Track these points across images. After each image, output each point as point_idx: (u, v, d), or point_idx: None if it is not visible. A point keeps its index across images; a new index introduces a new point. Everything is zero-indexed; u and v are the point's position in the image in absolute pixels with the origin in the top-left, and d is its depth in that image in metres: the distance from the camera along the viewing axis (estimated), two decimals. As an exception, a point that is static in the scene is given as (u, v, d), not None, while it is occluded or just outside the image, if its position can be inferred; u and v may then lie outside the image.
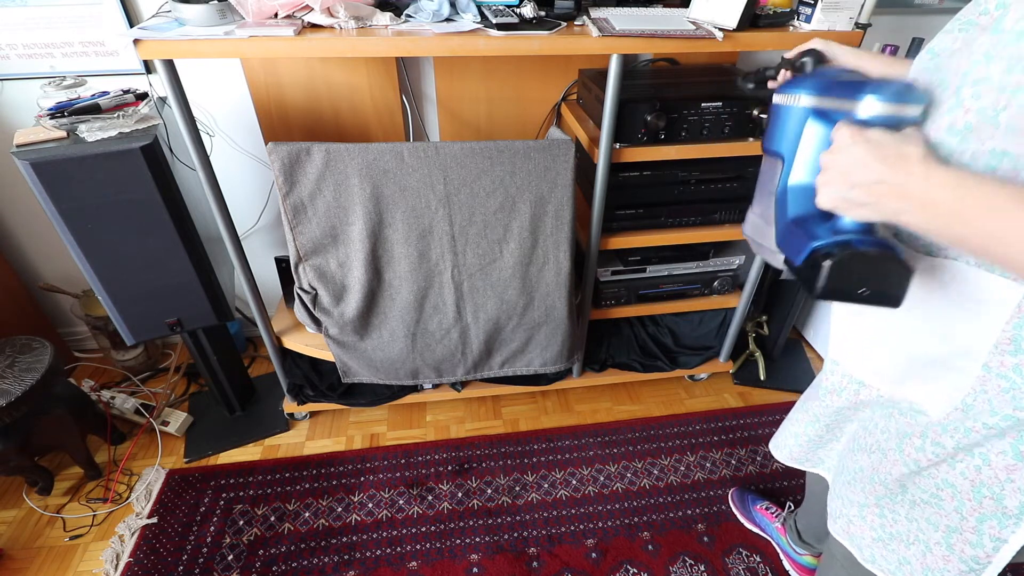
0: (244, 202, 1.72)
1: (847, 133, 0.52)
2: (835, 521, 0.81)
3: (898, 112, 0.53)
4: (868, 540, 0.76)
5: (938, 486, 0.64)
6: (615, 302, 1.64)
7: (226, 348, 1.64)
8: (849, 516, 0.78)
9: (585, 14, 1.23)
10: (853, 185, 0.52)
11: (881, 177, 0.50)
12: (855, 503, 0.76)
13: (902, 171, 0.49)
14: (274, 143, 1.17)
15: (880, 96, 0.53)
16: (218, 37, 1.03)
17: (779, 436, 0.99)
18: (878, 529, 0.74)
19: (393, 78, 1.53)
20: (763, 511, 1.44)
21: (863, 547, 0.77)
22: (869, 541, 0.76)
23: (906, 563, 0.71)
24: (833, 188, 0.53)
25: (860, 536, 0.77)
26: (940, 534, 0.66)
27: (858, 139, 0.51)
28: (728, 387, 1.91)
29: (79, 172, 1.10)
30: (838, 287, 0.54)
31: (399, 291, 1.39)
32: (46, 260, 1.79)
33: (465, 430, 1.75)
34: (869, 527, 0.75)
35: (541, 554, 1.40)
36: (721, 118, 1.30)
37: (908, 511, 0.68)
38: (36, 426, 1.42)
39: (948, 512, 0.64)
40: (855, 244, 0.54)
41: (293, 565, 1.37)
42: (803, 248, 0.57)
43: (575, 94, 1.59)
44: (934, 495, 0.65)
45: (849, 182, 0.52)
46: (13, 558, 1.39)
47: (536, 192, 1.29)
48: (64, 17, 1.37)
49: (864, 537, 0.76)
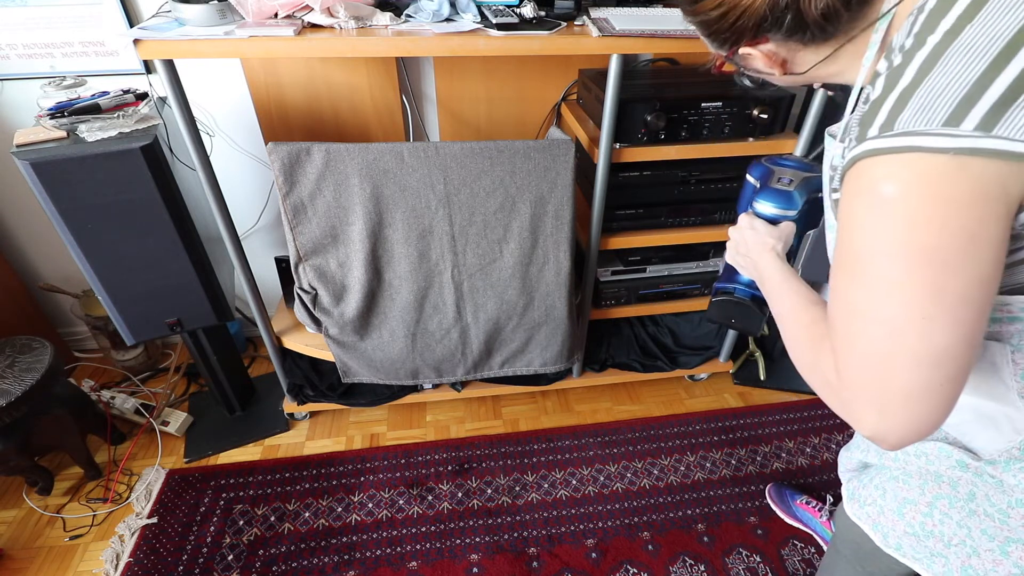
0: (244, 202, 1.72)
1: (745, 220, 0.77)
2: (861, 506, 0.80)
3: (776, 213, 0.75)
4: (899, 532, 0.75)
5: (1010, 504, 0.62)
6: (615, 302, 1.64)
7: (226, 348, 1.64)
8: (882, 506, 0.77)
9: (585, 14, 1.23)
10: (739, 253, 0.78)
11: (749, 252, 0.75)
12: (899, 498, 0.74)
13: (758, 253, 0.72)
14: (274, 143, 1.17)
15: (769, 201, 0.76)
16: (218, 37, 1.03)
17: None
18: (916, 526, 0.72)
19: (393, 78, 1.53)
20: (805, 506, 1.44)
21: (889, 536, 0.76)
22: (900, 533, 0.75)
23: (940, 556, 0.70)
24: (729, 253, 0.81)
25: (890, 527, 0.76)
26: (996, 543, 0.65)
27: (748, 225, 0.76)
28: (728, 387, 1.91)
29: (79, 172, 1.10)
30: (717, 317, 0.85)
31: (399, 291, 1.39)
32: (46, 260, 1.79)
33: (465, 430, 1.75)
34: (905, 523, 0.73)
35: (541, 554, 1.40)
36: (721, 118, 1.30)
37: (964, 518, 0.67)
38: (36, 426, 1.42)
39: (1014, 527, 0.63)
40: (736, 292, 0.83)
41: (293, 565, 1.37)
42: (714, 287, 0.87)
43: (575, 94, 1.59)
44: (1002, 511, 0.63)
45: (736, 251, 0.78)
46: (13, 558, 1.39)
47: (536, 192, 1.29)
48: (64, 17, 1.37)
49: (894, 529, 0.75)
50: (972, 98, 0.40)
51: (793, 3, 0.48)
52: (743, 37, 0.54)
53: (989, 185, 0.41)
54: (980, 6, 0.41)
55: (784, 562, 1.39)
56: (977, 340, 0.44)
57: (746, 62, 0.59)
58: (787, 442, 1.70)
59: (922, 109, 0.42)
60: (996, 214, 0.41)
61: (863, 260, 0.46)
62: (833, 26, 0.50)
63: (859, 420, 0.49)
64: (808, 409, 1.80)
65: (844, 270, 0.48)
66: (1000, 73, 0.39)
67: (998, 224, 0.42)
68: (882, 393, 0.46)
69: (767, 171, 0.78)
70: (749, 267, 0.76)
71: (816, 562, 1.39)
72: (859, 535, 0.84)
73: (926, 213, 0.42)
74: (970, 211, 0.41)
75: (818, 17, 0.49)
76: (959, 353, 0.44)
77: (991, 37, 0.40)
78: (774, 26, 0.51)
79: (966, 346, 0.44)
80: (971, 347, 0.44)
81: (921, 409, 0.45)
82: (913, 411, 0.46)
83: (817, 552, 1.40)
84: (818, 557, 1.40)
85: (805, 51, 0.54)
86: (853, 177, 0.46)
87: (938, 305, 0.43)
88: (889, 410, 0.46)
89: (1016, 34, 0.39)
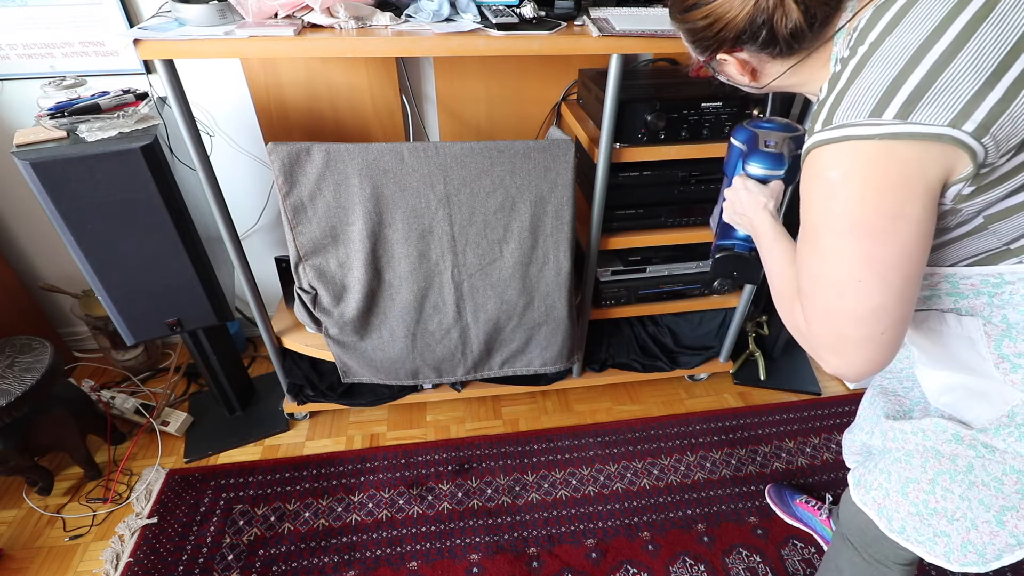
0: (244, 202, 1.72)
1: (738, 181, 0.84)
2: (867, 492, 0.84)
3: (766, 174, 0.82)
4: (903, 514, 0.78)
5: (1004, 471, 0.67)
6: (615, 302, 1.64)
7: (226, 348, 1.64)
8: (887, 489, 0.80)
9: (585, 14, 1.23)
10: (735, 212, 0.85)
11: (745, 211, 0.82)
12: (902, 478, 0.78)
13: (753, 210, 0.80)
14: (274, 143, 1.17)
15: (758, 163, 0.82)
16: (218, 37, 1.03)
17: None
18: (919, 505, 0.76)
19: (393, 78, 1.53)
20: (804, 505, 1.45)
21: (893, 519, 0.80)
22: (904, 515, 0.78)
23: (943, 535, 0.74)
24: (727, 211, 0.88)
25: (894, 510, 0.79)
26: (992, 513, 0.69)
27: (742, 186, 0.83)
28: (728, 387, 1.91)
29: (79, 172, 1.10)
30: (721, 271, 0.95)
31: (399, 291, 1.39)
32: (46, 260, 1.79)
33: (465, 430, 1.75)
34: (909, 503, 0.77)
35: (541, 554, 1.40)
36: (721, 118, 1.30)
37: (965, 490, 0.71)
38: (36, 426, 1.42)
39: (1008, 494, 0.67)
40: (737, 248, 0.94)
41: (293, 565, 1.37)
42: (715, 242, 0.97)
43: (575, 94, 1.59)
44: (996, 479, 0.68)
45: (733, 210, 0.86)
46: (13, 558, 1.39)
47: (536, 192, 1.29)
48: (64, 17, 1.37)
49: (899, 511, 0.79)
50: (890, 93, 0.48)
51: (768, 21, 0.57)
52: (723, 45, 0.62)
53: (911, 168, 0.49)
54: (898, 22, 0.50)
55: (784, 562, 1.39)
56: (908, 298, 0.54)
57: (721, 67, 0.68)
58: (787, 442, 1.70)
59: (853, 105, 0.51)
60: (917, 194, 0.50)
61: (816, 233, 0.56)
62: (798, 42, 0.59)
63: (824, 360, 0.59)
64: (808, 409, 1.80)
65: (804, 241, 0.59)
66: (911, 73, 0.48)
67: (919, 203, 0.50)
68: (837, 340, 0.57)
69: (752, 135, 0.83)
70: (746, 224, 0.83)
71: (816, 562, 1.39)
72: (864, 522, 0.87)
73: (860, 194, 0.51)
74: (895, 193, 0.50)
75: (786, 34, 0.57)
76: (892, 309, 0.53)
77: (904, 45, 0.49)
78: (751, 39, 0.59)
79: (896, 303, 0.53)
80: (902, 304, 0.53)
81: (868, 352, 0.56)
82: (862, 354, 0.56)
83: (817, 552, 1.40)
84: (818, 557, 1.40)
85: (773, 63, 0.63)
86: (807, 165, 0.56)
87: (869, 271, 0.52)
88: (844, 353, 0.57)
89: (923, 42, 0.48)
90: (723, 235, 0.94)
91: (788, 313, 0.66)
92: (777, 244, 0.73)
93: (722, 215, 0.91)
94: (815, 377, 1.93)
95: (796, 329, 0.64)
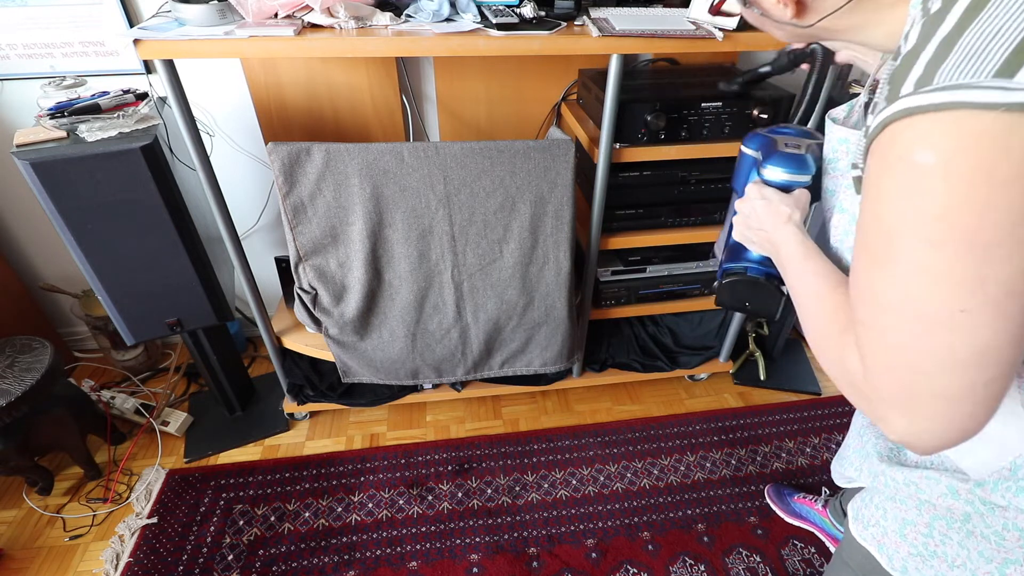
0: (244, 202, 1.72)
1: (753, 189, 0.67)
2: (866, 528, 0.76)
3: (788, 179, 0.66)
4: (903, 554, 0.71)
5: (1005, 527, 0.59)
6: (615, 302, 1.64)
7: (226, 348, 1.64)
8: (885, 528, 0.73)
9: (585, 14, 1.23)
10: (749, 227, 0.68)
11: (763, 225, 0.65)
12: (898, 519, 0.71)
13: (773, 224, 0.63)
14: (274, 143, 1.17)
15: (779, 166, 0.66)
16: (218, 37, 1.03)
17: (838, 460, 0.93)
18: (919, 547, 0.69)
19: (393, 78, 1.53)
20: (802, 500, 1.45)
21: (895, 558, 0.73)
22: (904, 555, 0.71)
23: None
24: (739, 228, 0.70)
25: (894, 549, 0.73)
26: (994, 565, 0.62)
27: (757, 195, 0.66)
28: (728, 387, 1.91)
29: (79, 172, 1.10)
30: (730, 299, 0.74)
31: (399, 291, 1.39)
32: (46, 260, 1.79)
33: (465, 430, 1.75)
34: (909, 544, 0.70)
35: (541, 554, 1.40)
36: (721, 118, 1.30)
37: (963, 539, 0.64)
38: (36, 426, 1.42)
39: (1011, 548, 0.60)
40: (749, 271, 0.72)
41: (293, 565, 1.37)
42: (721, 267, 0.76)
43: (575, 94, 1.59)
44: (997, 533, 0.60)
45: (747, 225, 0.68)
46: (13, 558, 1.39)
47: (536, 192, 1.29)
48: (64, 17, 1.37)
49: (899, 551, 0.72)
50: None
51: None
52: None
53: None
54: None
55: (784, 562, 1.39)
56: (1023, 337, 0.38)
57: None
58: (787, 442, 1.70)
59: (968, 58, 0.35)
60: None
61: (892, 243, 0.40)
62: None
63: (887, 423, 0.44)
64: (808, 409, 1.80)
65: (869, 254, 0.42)
66: None
67: None
68: (913, 396, 0.41)
69: (768, 140, 0.71)
70: (763, 242, 0.66)
71: (816, 562, 1.39)
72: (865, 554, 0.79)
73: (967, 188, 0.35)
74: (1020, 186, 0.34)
75: None
76: (1004, 352, 0.38)
77: None
78: None
79: (1010, 344, 0.38)
80: (1016, 344, 0.38)
81: (957, 414, 0.40)
82: (949, 416, 0.40)
83: (817, 552, 1.40)
84: (818, 557, 1.40)
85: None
86: (883, 145, 0.40)
87: (978, 297, 0.37)
88: (921, 414, 0.41)
89: None
90: (731, 257, 0.75)
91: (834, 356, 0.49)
92: (809, 263, 0.57)
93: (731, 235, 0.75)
94: (815, 377, 1.93)
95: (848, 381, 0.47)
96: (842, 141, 0.58)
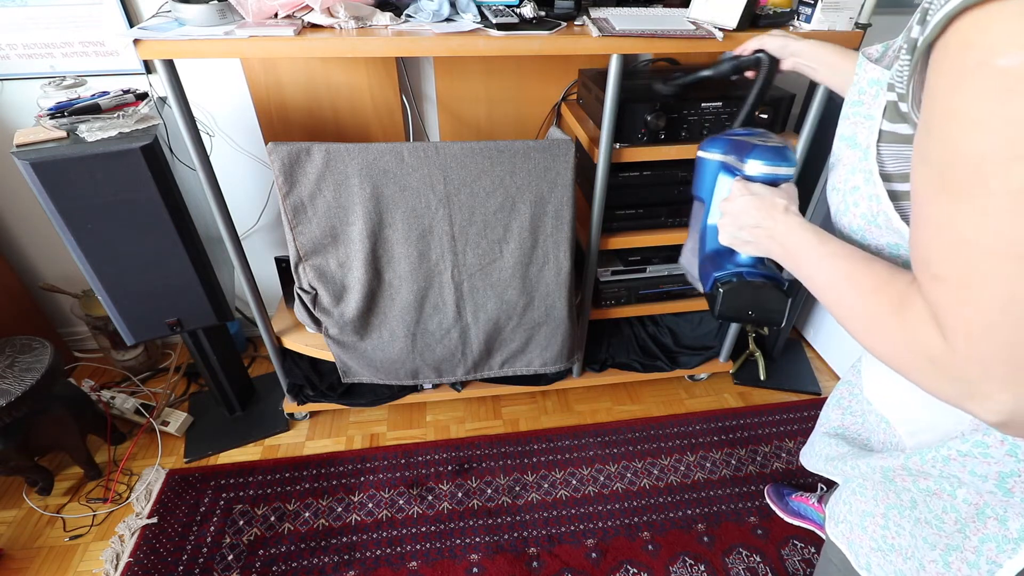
0: (244, 202, 1.72)
1: (737, 186, 0.63)
2: (836, 525, 0.80)
3: (774, 171, 0.63)
4: (867, 549, 0.74)
5: (944, 509, 0.62)
6: (615, 302, 1.64)
7: (226, 348, 1.64)
8: (851, 522, 0.76)
9: (585, 14, 1.23)
10: (740, 227, 0.62)
11: (757, 222, 0.60)
12: (859, 511, 0.74)
13: (770, 218, 0.58)
14: (274, 143, 1.17)
15: (761, 159, 0.63)
16: (218, 37, 1.03)
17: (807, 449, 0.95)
18: (879, 540, 0.72)
19: (393, 78, 1.53)
20: (799, 498, 1.46)
21: (860, 555, 0.76)
22: (867, 550, 0.74)
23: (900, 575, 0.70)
24: (727, 229, 0.64)
25: (859, 544, 0.76)
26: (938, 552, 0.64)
27: (744, 191, 0.62)
28: (728, 387, 1.91)
29: (79, 172, 1.10)
30: (731, 309, 0.66)
31: (399, 291, 1.39)
32: (46, 260, 1.79)
33: (465, 430, 1.75)
34: (869, 537, 0.73)
35: (541, 554, 1.40)
36: (721, 118, 1.30)
37: (912, 527, 0.67)
38: (36, 426, 1.42)
39: (950, 533, 0.61)
40: (745, 275, 0.65)
41: (293, 565, 1.37)
42: (709, 277, 0.68)
43: (575, 94, 1.59)
44: (938, 516, 0.63)
45: (737, 224, 0.62)
46: (13, 558, 1.39)
47: (536, 192, 1.29)
48: (64, 17, 1.37)
49: (863, 546, 0.75)
50: None
51: None
52: None
53: None
54: None
55: (784, 562, 1.39)
56: None
57: None
58: (787, 442, 1.70)
59: None
60: None
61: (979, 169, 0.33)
62: None
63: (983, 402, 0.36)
64: (808, 409, 1.80)
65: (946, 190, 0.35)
66: None
67: None
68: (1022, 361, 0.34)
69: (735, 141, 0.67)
70: (760, 239, 0.60)
71: (816, 562, 1.39)
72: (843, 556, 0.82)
73: None
74: None
75: None
76: None
77: None
78: None
79: None
80: None
81: None
82: None
83: (817, 552, 1.40)
84: (818, 557, 1.40)
85: None
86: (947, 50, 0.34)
87: None
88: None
89: None
90: (717, 265, 0.68)
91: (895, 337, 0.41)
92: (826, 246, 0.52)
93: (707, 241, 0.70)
94: (815, 377, 1.93)
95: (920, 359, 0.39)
96: (872, 83, 0.52)
